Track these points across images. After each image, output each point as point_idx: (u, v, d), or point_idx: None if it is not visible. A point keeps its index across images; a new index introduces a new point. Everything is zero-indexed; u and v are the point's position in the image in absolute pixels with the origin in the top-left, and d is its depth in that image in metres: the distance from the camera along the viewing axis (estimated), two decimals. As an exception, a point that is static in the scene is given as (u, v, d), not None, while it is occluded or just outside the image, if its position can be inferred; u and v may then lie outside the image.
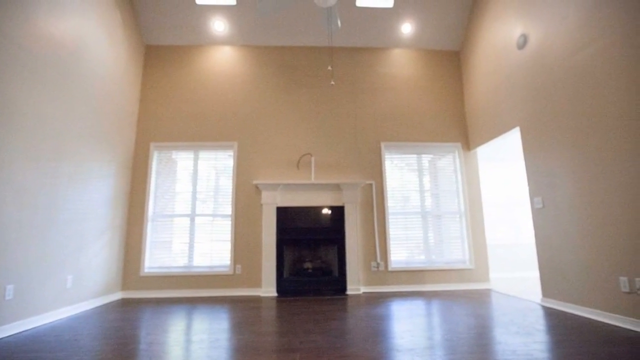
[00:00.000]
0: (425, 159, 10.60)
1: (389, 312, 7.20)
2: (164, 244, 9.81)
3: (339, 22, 8.00)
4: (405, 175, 10.48)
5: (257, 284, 9.54)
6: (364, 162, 10.30)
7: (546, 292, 7.75)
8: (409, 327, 6.07)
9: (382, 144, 10.43)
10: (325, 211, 9.79)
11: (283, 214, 9.77)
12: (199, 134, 10.21)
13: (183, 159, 10.16)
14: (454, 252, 10.16)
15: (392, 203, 10.29)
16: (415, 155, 10.60)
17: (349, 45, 11.03)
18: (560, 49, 7.18)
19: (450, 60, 11.32)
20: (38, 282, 6.55)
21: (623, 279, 5.90)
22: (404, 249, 10.08)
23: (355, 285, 9.44)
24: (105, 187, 8.67)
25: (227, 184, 10.10)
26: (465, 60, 10.91)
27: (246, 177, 10.02)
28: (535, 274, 12.45)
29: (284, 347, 5.01)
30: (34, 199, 6.41)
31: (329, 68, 9.65)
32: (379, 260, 9.82)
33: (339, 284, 9.50)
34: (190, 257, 9.71)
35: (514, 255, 12.72)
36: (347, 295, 9.23)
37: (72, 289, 7.51)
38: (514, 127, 8.69)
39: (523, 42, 8.32)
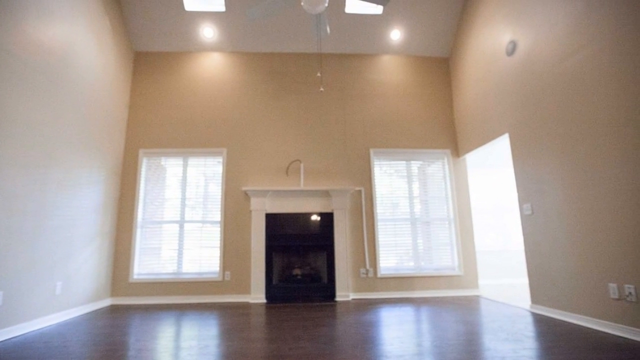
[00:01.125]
0: (415, 165, 10.73)
1: (378, 319, 7.28)
2: (153, 251, 9.91)
3: (328, 29, 8.07)
4: (395, 182, 10.60)
5: (246, 290, 9.64)
6: (353, 168, 10.39)
7: (535, 298, 7.83)
8: (398, 333, 6.13)
9: (371, 151, 10.52)
10: (315, 218, 9.88)
11: (272, 220, 9.85)
12: (188, 140, 10.28)
13: (172, 166, 10.24)
14: (443, 258, 10.28)
15: (381, 209, 10.38)
16: (404, 162, 10.71)
17: (338, 51, 11.15)
18: (549, 55, 7.28)
19: (440, 66, 11.45)
20: (27, 288, 6.62)
21: (612, 286, 5.97)
22: (393, 255, 10.19)
23: (345, 292, 9.54)
24: (95, 194, 8.75)
25: (216, 191, 10.21)
26: (455, 66, 11.01)
27: (235, 184, 10.12)
28: (525, 280, 12.56)
29: (273, 353, 5.07)
30: (23, 206, 6.48)
31: (318, 74, 9.76)
32: (368, 266, 9.91)
33: (328, 290, 9.60)
34: (180, 263, 9.79)
35: (503, 261, 12.81)
36: (336, 301, 9.33)
37: (62, 296, 7.59)
38: (503, 133, 8.78)
39: (512, 49, 8.41)
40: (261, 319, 7.56)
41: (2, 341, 6.08)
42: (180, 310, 8.58)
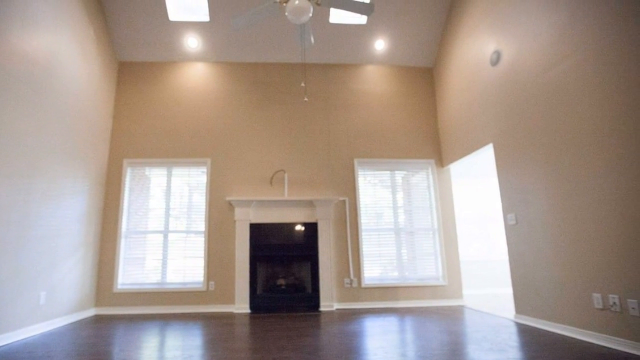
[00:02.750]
0: (399, 175, 10.92)
1: (362, 329, 7.39)
2: (137, 261, 10.10)
3: (312, 39, 8.16)
4: (379, 192, 10.81)
5: (231, 300, 9.81)
6: (337, 178, 10.55)
7: (519, 308, 7.95)
8: (382, 343, 6.22)
9: (355, 161, 10.67)
10: (299, 228, 10.05)
11: (256, 230, 9.98)
12: (172, 150, 10.40)
13: (156, 176, 10.39)
14: (427, 268, 10.46)
15: (366, 219, 10.55)
16: (388, 172, 10.91)
17: (322, 61, 11.35)
18: (533, 65, 7.40)
19: (424, 76, 11.64)
20: (11, 298, 6.72)
21: (596, 296, 6.08)
22: (377, 265, 10.40)
23: (329, 302, 9.71)
24: (79, 204, 8.87)
25: (200, 201, 10.39)
26: (439, 76, 11.18)
27: (219, 194, 10.30)
28: (509, 290, 12.71)
29: (258, 363, 5.10)
30: (7, 215, 6.60)
31: (302, 84, 9.92)
32: (352, 276, 10.07)
33: (312, 300, 9.78)
34: (164, 273, 9.95)
35: (487, 271, 12.97)
36: (320, 311, 9.50)
37: (46, 306, 7.69)
38: (487, 143, 8.92)
39: (496, 59, 8.54)
40: (245, 329, 7.64)
41: (-13, 351, 6.12)
42: (165, 320, 8.68)
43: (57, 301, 8.21)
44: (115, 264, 10.06)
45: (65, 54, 8.60)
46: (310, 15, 6.69)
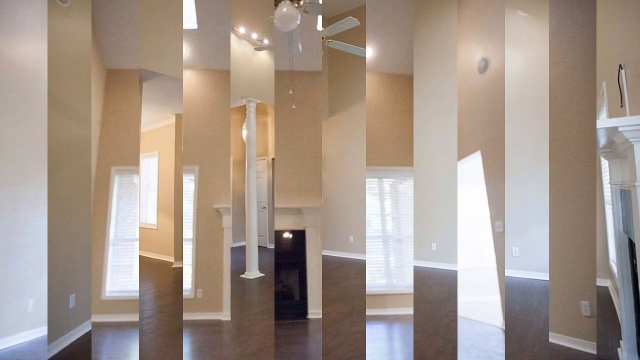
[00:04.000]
0: (387, 182, 10.80)
1: (351, 336, 7.35)
2: (125, 268, 9.99)
3: (300, 46, 8.15)
4: (366, 199, 10.58)
5: (218, 307, 9.83)
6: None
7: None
8: (370, 351, 6.27)
9: (344, 168, 10.64)
10: (286, 235, 10.04)
11: (244, 237, 9.95)
12: (160, 158, 10.34)
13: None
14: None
15: (353, 227, 10.51)
16: (376, 180, 10.88)
17: (310, 69, 11.13)
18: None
19: (412, 84, 11.45)
20: (-1, 306, 6.64)
21: (584, 303, 6.09)
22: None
23: (317, 309, 9.60)
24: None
25: (188, 208, 10.30)
26: (427, 84, 11.15)
27: (207, 201, 10.27)
28: (497, 297, 12.53)
29: (246, 370, 5.15)
30: (-5, 223, 6.54)
31: (290, 92, 9.81)
32: (340, 283, 10.02)
33: (300, 307, 9.77)
34: (152, 281, 9.85)
35: (476, 278, 12.85)
36: (308, 319, 9.33)
37: (33, 313, 7.67)
38: (474, 151, 8.85)
39: (484, 66, 8.50)
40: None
41: (-27, 359, 6.13)
42: (152, 327, 8.65)
43: (45, 309, 8.20)
44: (103, 271, 10.05)
45: (54, 62, 8.63)
46: (298, 22, 6.74)
